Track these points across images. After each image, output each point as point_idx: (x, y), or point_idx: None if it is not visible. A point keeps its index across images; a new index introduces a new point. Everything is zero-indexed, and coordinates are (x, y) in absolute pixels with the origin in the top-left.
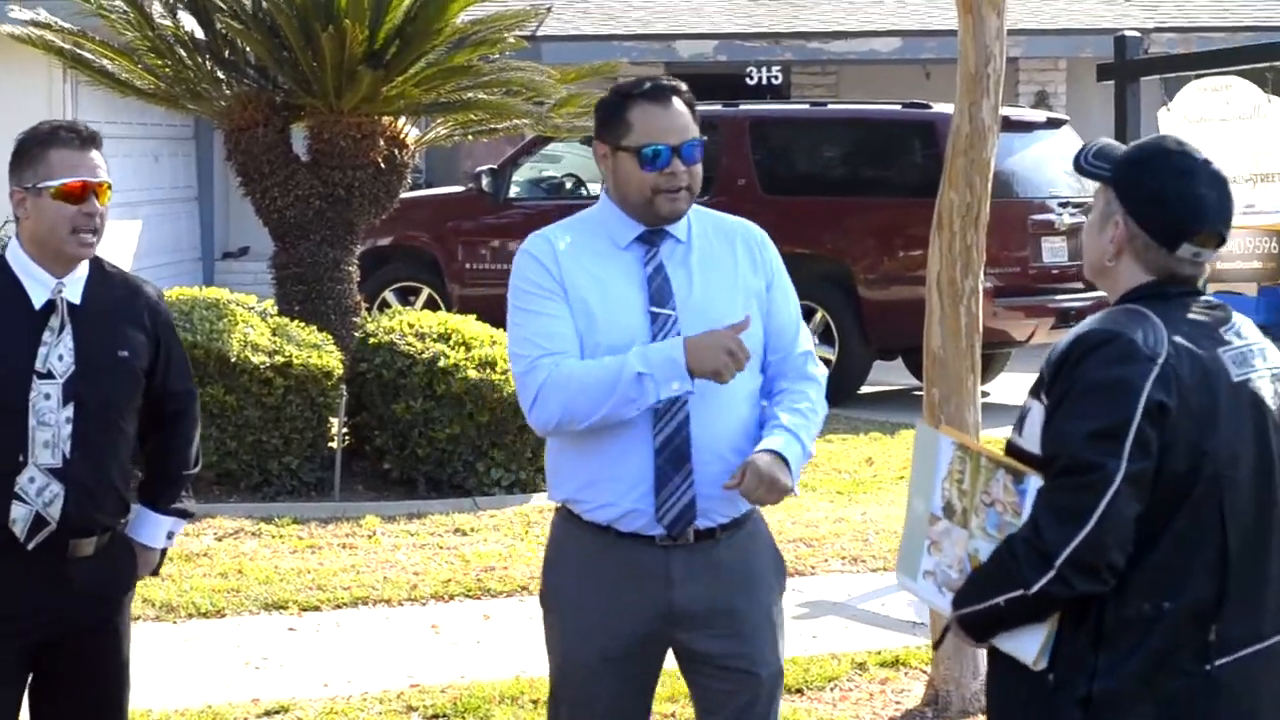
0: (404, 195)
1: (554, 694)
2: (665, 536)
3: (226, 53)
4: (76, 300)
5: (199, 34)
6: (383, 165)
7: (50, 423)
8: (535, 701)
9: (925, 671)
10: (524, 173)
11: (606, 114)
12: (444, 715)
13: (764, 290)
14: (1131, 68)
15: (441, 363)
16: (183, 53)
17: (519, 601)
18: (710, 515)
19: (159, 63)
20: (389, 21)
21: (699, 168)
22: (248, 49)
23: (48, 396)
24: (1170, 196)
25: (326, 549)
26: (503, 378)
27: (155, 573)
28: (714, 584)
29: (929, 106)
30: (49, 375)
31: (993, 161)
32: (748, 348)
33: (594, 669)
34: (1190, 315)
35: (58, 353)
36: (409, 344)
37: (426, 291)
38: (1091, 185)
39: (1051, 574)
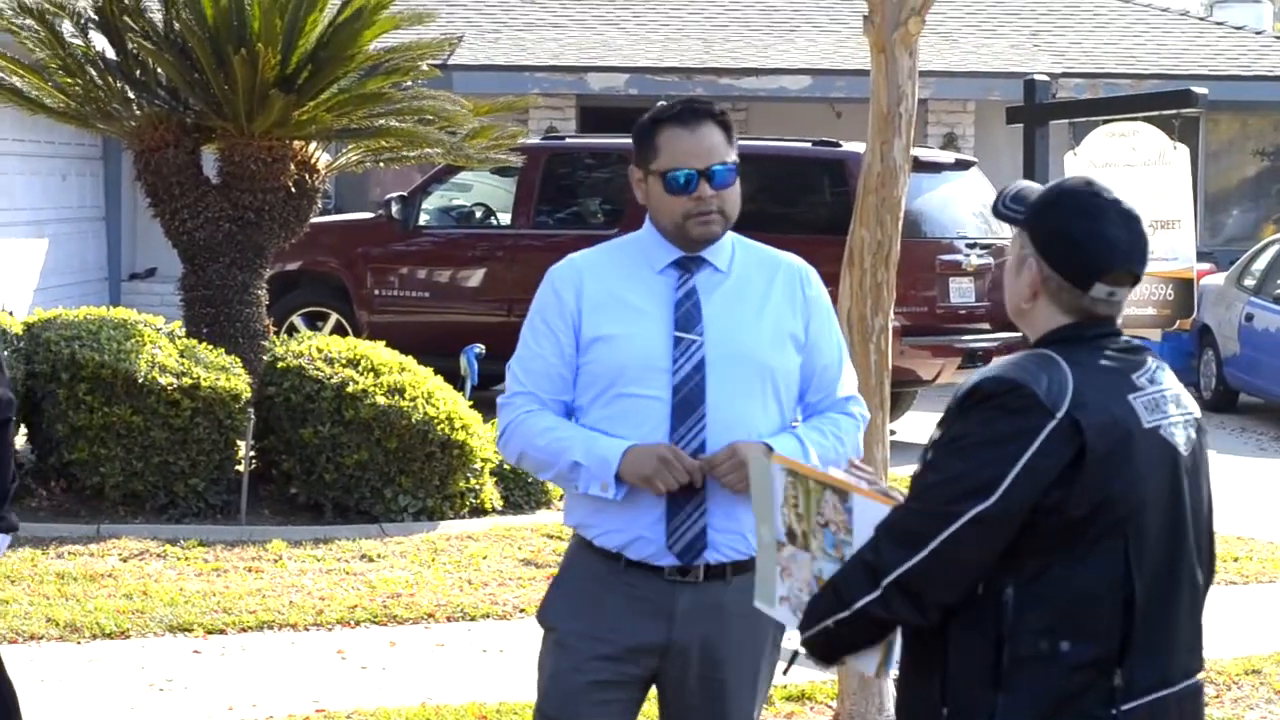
0: (314, 220)
1: (538, 711)
2: (674, 570)
3: (138, 73)
4: None
5: (110, 54)
6: (293, 189)
7: None
8: None
9: (831, 706)
10: (434, 201)
11: (638, 139)
12: None
13: (801, 330)
14: (1040, 111)
15: (350, 388)
16: (93, 72)
17: (425, 629)
18: (722, 550)
19: (69, 81)
20: (301, 46)
21: (733, 191)
22: (159, 70)
23: None
24: (1080, 238)
25: (232, 572)
26: (411, 404)
27: None
28: (714, 627)
29: (839, 145)
30: None
31: (904, 200)
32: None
33: (581, 693)
34: (1104, 360)
35: None
36: (318, 369)
37: (335, 317)
38: (1000, 226)
39: (876, 594)
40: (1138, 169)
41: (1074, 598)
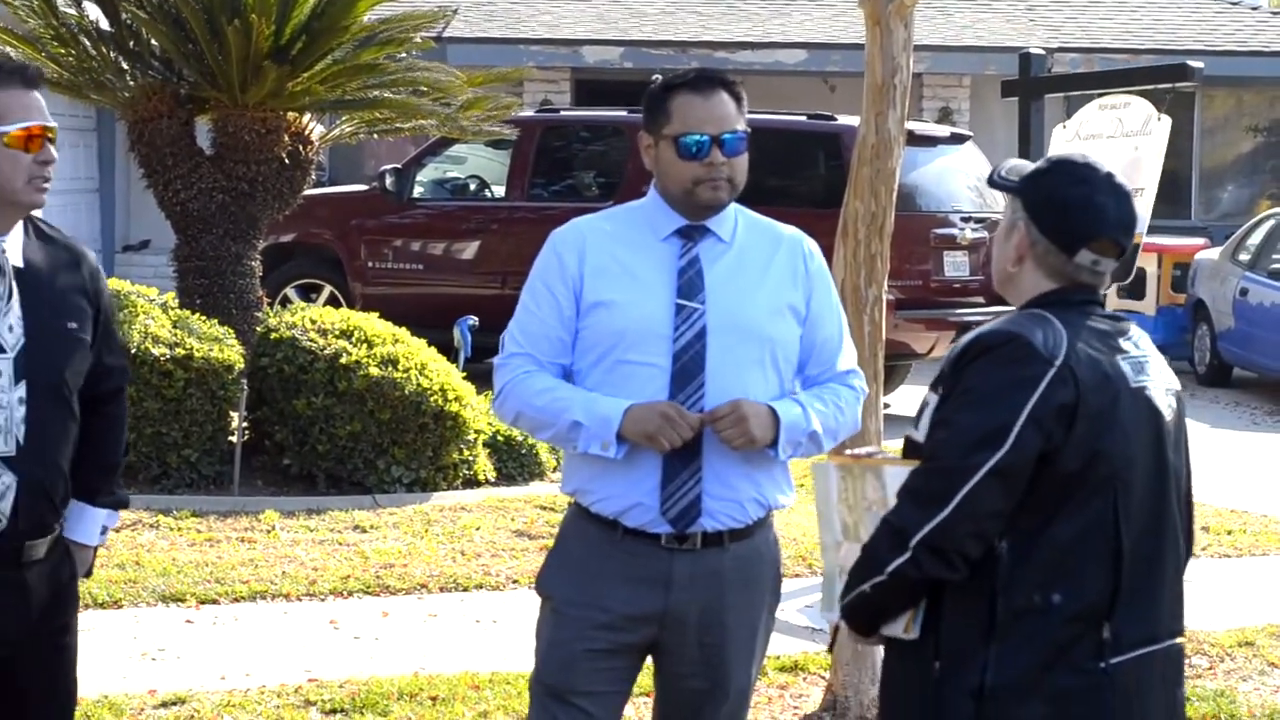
0: (307, 192)
1: (535, 678)
2: (671, 537)
3: (131, 43)
4: (19, 263)
5: (104, 24)
6: (287, 161)
7: (3, 404)
8: (434, 699)
9: (823, 677)
10: (428, 173)
11: (650, 104)
12: (342, 710)
13: (802, 303)
14: (1036, 85)
15: (343, 359)
16: (87, 42)
17: (418, 599)
18: (719, 518)
19: (62, 51)
20: (295, 17)
21: (742, 160)
22: (153, 40)
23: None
24: (1070, 203)
25: (225, 543)
26: (404, 376)
27: (88, 574)
28: (711, 593)
29: (834, 118)
30: None
31: (898, 172)
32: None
33: (578, 660)
34: (1091, 322)
35: (7, 323)
36: (311, 340)
37: (328, 289)
38: (995, 200)
39: (906, 555)
40: (1119, 139)
41: (1065, 550)
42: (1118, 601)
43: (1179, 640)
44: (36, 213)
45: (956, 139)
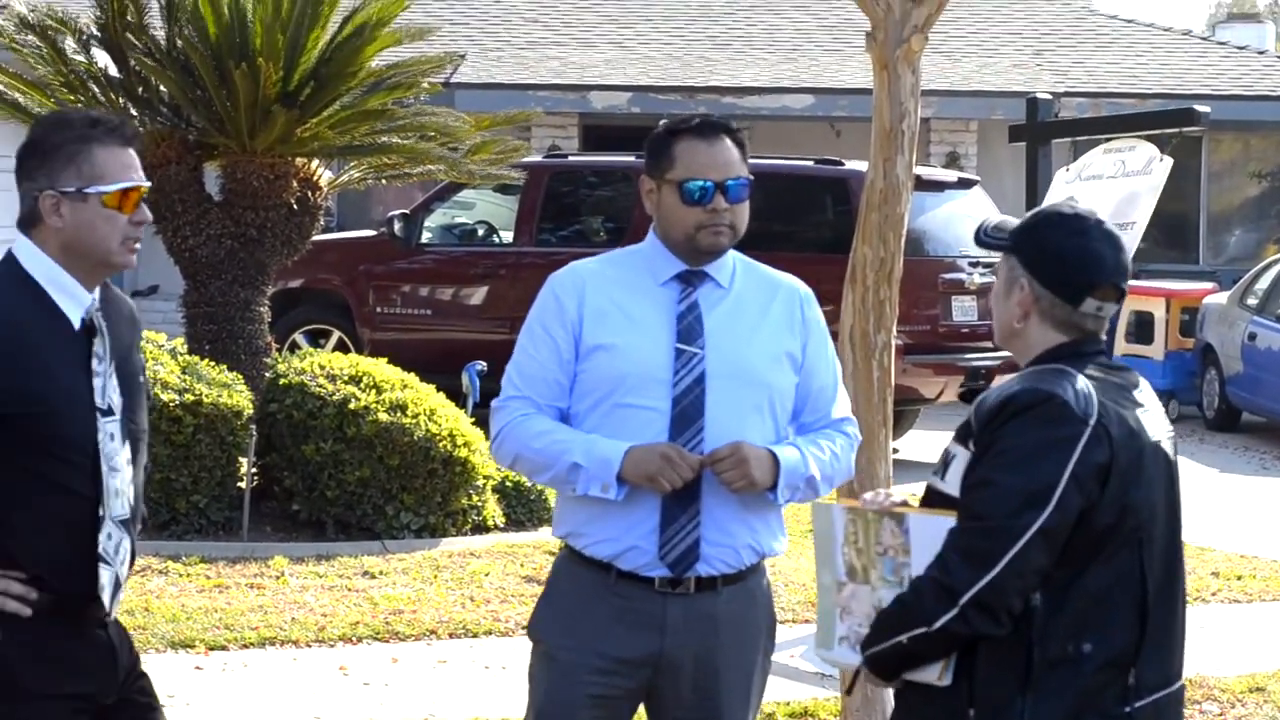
0: (316, 238)
1: None
2: (665, 581)
3: (140, 90)
4: (103, 321)
5: (113, 71)
6: (295, 206)
7: (118, 467)
8: None
9: None
10: (436, 219)
11: (653, 149)
12: None
13: (799, 350)
14: (1043, 129)
15: (352, 405)
16: (95, 89)
17: (427, 645)
18: (713, 563)
19: (71, 98)
20: (304, 62)
21: (744, 207)
22: (161, 87)
23: (112, 437)
24: (1069, 254)
25: (234, 589)
26: (413, 421)
27: None
28: (706, 638)
29: (841, 163)
30: (109, 411)
31: (907, 217)
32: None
33: (576, 706)
34: (1106, 376)
35: (111, 384)
36: (320, 385)
37: (337, 334)
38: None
39: (954, 612)
40: (1118, 179)
41: (1096, 601)
42: (1142, 648)
43: (1183, 682)
44: None
45: (964, 184)
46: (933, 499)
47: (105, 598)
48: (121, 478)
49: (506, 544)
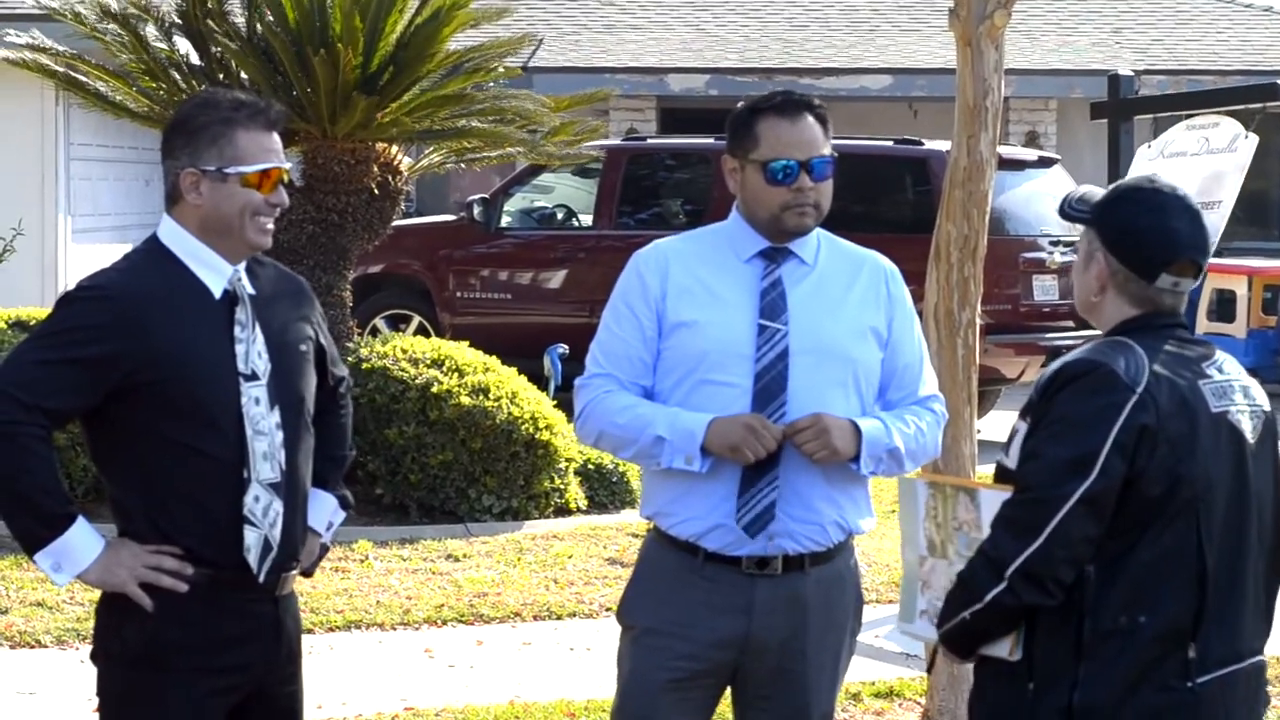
0: (396, 223)
1: (616, 708)
2: (752, 562)
3: (221, 76)
4: (251, 291)
5: (194, 58)
6: (376, 191)
7: (264, 430)
8: None
9: (919, 703)
10: (515, 202)
11: (736, 127)
12: None
13: (884, 326)
14: (1125, 106)
15: (435, 389)
16: (177, 76)
17: (511, 628)
18: (800, 540)
19: (153, 85)
20: (382, 47)
21: (828, 185)
22: (242, 73)
23: (258, 401)
24: (1145, 230)
25: (319, 573)
26: (495, 405)
27: (309, 573)
28: (793, 619)
29: (921, 143)
30: (253, 377)
31: (990, 195)
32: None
33: (659, 690)
34: (1174, 348)
35: (256, 349)
36: (402, 369)
37: (417, 319)
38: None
39: (1002, 585)
40: (1202, 156)
41: (1150, 573)
42: (1202, 621)
43: (1261, 657)
44: None
45: (1044, 162)
46: (1001, 475)
47: (251, 559)
48: (269, 442)
49: (589, 526)
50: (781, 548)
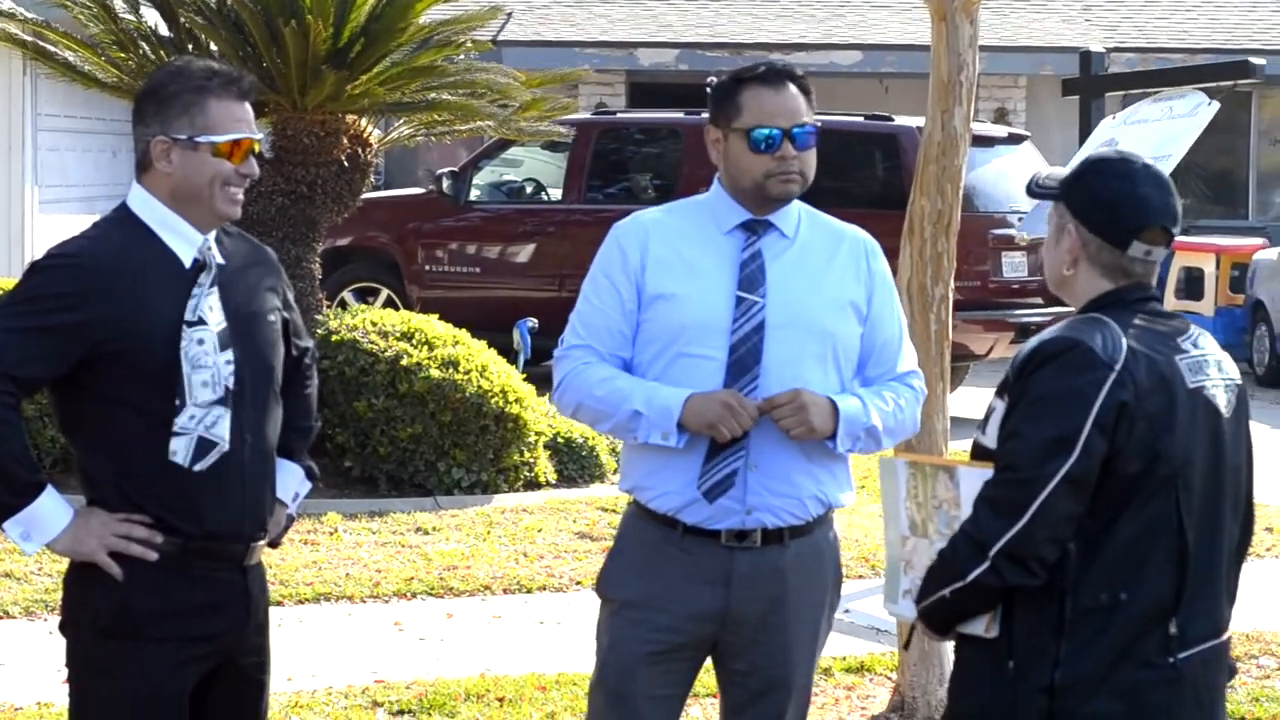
0: (365, 196)
1: (595, 681)
2: (731, 535)
3: (190, 47)
4: (220, 260)
5: (163, 29)
6: (346, 164)
7: (207, 364)
8: (501, 700)
9: (890, 678)
10: (485, 176)
11: (719, 97)
12: (409, 711)
13: (864, 301)
14: (1097, 83)
15: (404, 361)
16: (146, 47)
17: (481, 601)
18: (779, 514)
19: (122, 56)
20: (353, 19)
21: (812, 154)
22: (212, 44)
23: (200, 341)
24: (1116, 198)
25: (288, 545)
26: (465, 378)
27: (276, 544)
28: (772, 592)
29: (891, 119)
30: (199, 322)
31: (964, 170)
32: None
33: (638, 662)
34: (1149, 323)
35: (207, 304)
36: (372, 342)
37: (385, 292)
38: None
39: (985, 565)
40: (1163, 122)
41: (1131, 550)
42: (1183, 597)
43: (1229, 632)
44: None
45: (1014, 139)
46: (977, 453)
47: (179, 458)
48: (212, 372)
49: (559, 500)
50: (760, 521)
